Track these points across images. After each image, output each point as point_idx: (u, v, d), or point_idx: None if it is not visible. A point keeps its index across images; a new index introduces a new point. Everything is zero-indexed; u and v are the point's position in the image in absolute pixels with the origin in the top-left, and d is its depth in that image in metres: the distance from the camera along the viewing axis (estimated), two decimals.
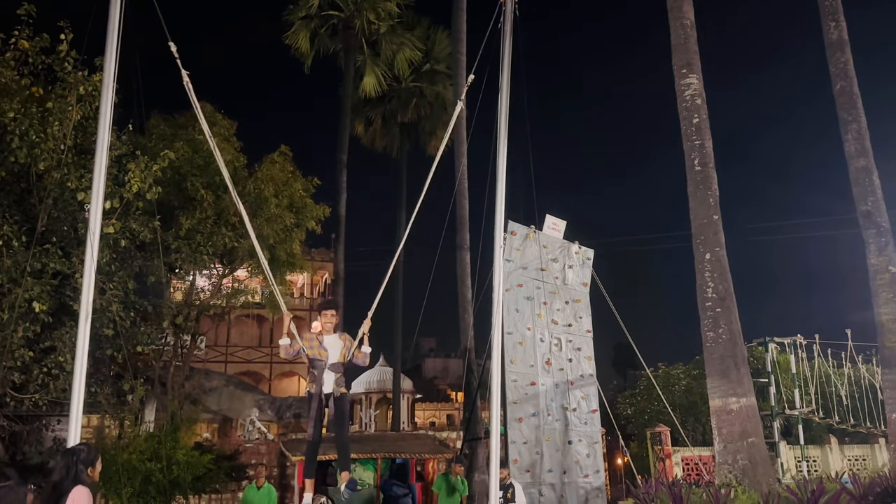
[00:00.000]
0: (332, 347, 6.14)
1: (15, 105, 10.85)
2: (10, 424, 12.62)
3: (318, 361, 6.07)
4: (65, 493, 4.31)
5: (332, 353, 6.11)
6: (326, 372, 6.06)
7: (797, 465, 19.96)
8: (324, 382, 6.04)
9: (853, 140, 11.29)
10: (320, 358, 6.08)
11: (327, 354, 6.09)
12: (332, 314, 6.32)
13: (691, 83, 9.51)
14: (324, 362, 6.07)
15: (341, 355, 6.12)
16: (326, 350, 6.11)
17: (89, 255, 6.20)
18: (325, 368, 6.06)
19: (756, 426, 8.41)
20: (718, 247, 9.00)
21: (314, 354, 6.09)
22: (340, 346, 6.16)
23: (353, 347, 6.16)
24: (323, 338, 6.20)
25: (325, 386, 6.04)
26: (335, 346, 6.16)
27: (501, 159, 7.70)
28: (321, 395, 6.02)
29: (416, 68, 25.57)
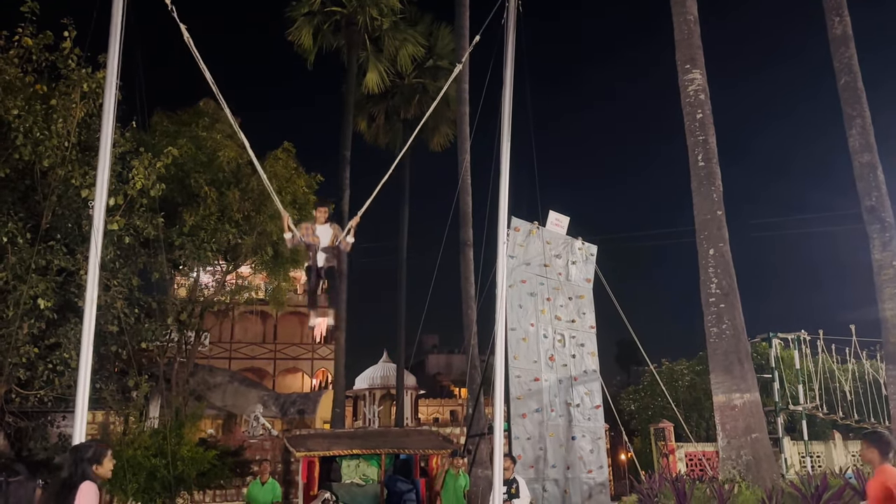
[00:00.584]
0: (323, 234, 7.67)
1: (19, 102, 10.89)
2: (16, 420, 12.69)
3: (313, 245, 7.64)
4: (73, 488, 4.33)
5: (323, 238, 7.65)
6: (319, 252, 7.66)
7: (801, 461, 19.96)
8: (318, 259, 7.66)
9: (857, 135, 11.25)
10: (314, 242, 7.63)
11: (319, 240, 7.64)
12: (324, 210, 7.88)
13: (695, 78, 9.48)
14: (317, 245, 7.63)
15: (330, 240, 7.66)
16: (318, 237, 7.65)
17: (93, 252, 6.21)
18: (318, 250, 7.64)
19: (760, 422, 8.40)
20: (722, 242, 8.97)
21: (309, 240, 7.65)
22: (330, 233, 7.70)
23: (341, 235, 7.67)
24: (316, 227, 7.71)
25: (319, 262, 7.67)
26: (326, 233, 7.69)
27: (505, 155, 7.70)
28: (316, 267, 7.70)
29: (418, 64, 25.53)
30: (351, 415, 34.79)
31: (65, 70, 11.39)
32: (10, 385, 11.37)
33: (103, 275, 11.11)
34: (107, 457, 4.57)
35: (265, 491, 10.91)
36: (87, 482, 4.39)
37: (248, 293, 17.21)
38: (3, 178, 11.12)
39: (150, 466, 12.38)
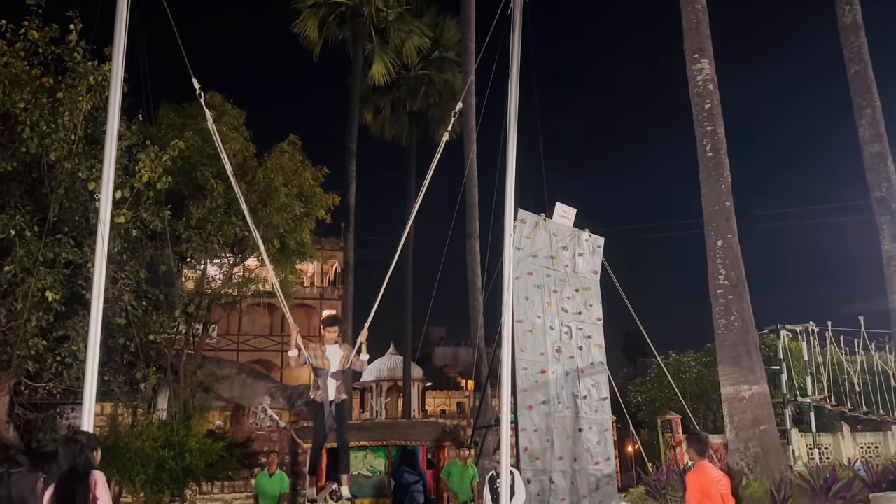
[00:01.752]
0: (333, 357, 6.83)
1: (25, 95, 10.90)
2: (25, 412, 12.77)
3: (321, 370, 6.76)
4: (82, 477, 4.35)
5: (333, 362, 6.80)
6: (329, 380, 6.76)
7: (808, 453, 19.90)
8: (329, 390, 6.75)
9: (867, 125, 11.14)
10: (323, 367, 6.76)
11: (329, 364, 6.77)
12: (333, 330, 7.01)
13: (703, 68, 9.40)
14: (326, 371, 6.76)
15: (341, 364, 6.81)
16: (328, 360, 6.80)
17: (100, 245, 6.22)
18: (328, 376, 6.76)
19: (768, 413, 8.37)
20: (731, 233, 8.91)
21: (318, 364, 6.78)
22: (340, 355, 6.86)
23: (351, 356, 6.86)
24: (325, 348, 6.88)
25: (329, 394, 6.75)
26: (336, 355, 6.85)
27: (511, 147, 7.66)
28: (326, 401, 6.75)
29: (424, 56, 25.45)
30: (358, 407, 34.91)
31: (71, 63, 11.39)
32: (19, 377, 11.44)
33: (111, 267, 11.15)
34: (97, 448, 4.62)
35: (273, 482, 10.95)
36: (96, 471, 4.42)
37: (255, 286, 17.23)
38: (11, 172, 11.15)
39: (158, 458, 12.45)
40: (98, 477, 4.39)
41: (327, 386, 6.74)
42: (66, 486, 4.34)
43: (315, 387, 6.82)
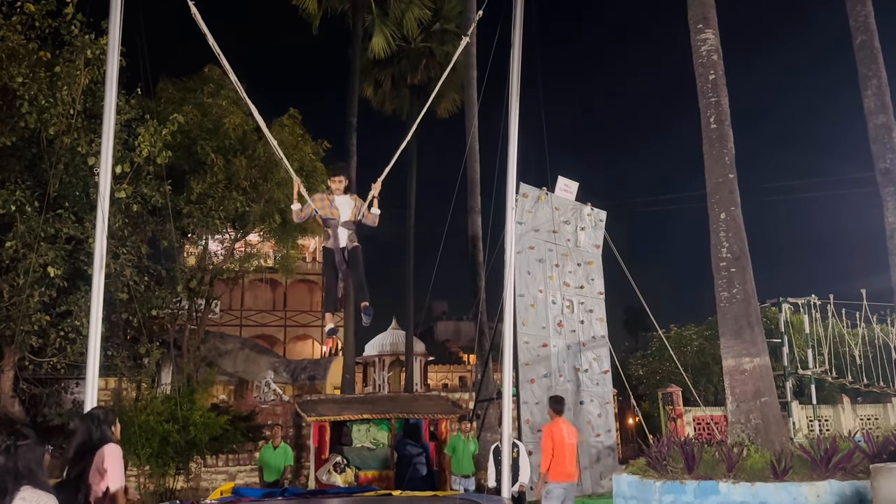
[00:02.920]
0: (342, 206, 6.52)
1: (23, 70, 10.80)
2: (30, 387, 12.87)
3: (331, 220, 6.46)
4: (92, 451, 4.39)
5: (344, 211, 6.49)
6: (340, 228, 6.47)
7: (809, 425, 20.03)
8: (339, 237, 6.46)
9: (873, 96, 11.02)
10: (332, 217, 6.46)
11: (339, 213, 6.47)
12: (340, 179, 6.64)
13: (707, 38, 9.27)
14: (336, 220, 6.46)
15: (352, 214, 6.51)
16: (338, 209, 6.48)
17: (100, 220, 6.20)
18: (339, 225, 6.47)
19: (769, 386, 8.38)
20: (734, 206, 8.86)
21: (326, 214, 6.48)
22: (351, 205, 6.55)
23: (363, 207, 6.52)
24: (334, 198, 6.55)
25: (341, 240, 6.47)
26: (346, 204, 6.54)
27: (513, 119, 7.59)
28: (338, 248, 6.48)
29: (425, 28, 25.13)
30: (361, 381, 35.13)
31: (68, 36, 11.27)
32: (23, 352, 11.50)
33: (112, 243, 11.14)
34: (116, 421, 4.64)
35: (277, 455, 11.04)
36: (111, 444, 4.46)
37: (256, 261, 17.23)
38: (10, 147, 11.10)
39: (162, 432, 12.56)
40: (108, 451, 4.42)
41: (338, 234, 6.47)
42: (78, 459, 4.38)
43: (326, 236, 6.56)
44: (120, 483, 4.39)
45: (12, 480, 3.13)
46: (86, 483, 4.22)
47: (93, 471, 4.29)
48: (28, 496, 3.12)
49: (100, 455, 4.38)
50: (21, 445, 3.20)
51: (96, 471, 4.29)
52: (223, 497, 8.60)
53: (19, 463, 3.16)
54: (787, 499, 6.38)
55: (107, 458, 4.36)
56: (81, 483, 4.16)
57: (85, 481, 4.23)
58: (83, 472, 4.28)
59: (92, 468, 4.31)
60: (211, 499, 8.56)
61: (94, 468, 4.31)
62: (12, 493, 3.10)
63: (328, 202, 6.51)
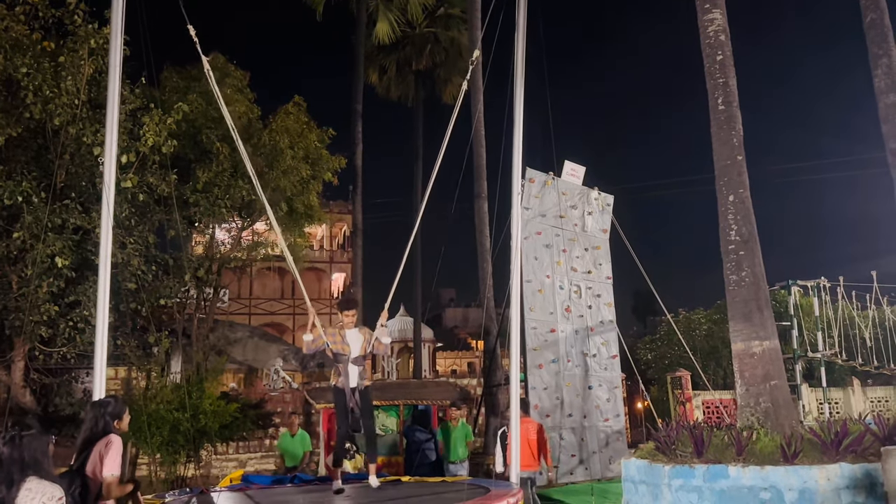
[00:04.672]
0: (353, 342, 6.46)
1: (27, 60, 10.80)
2: (41, 377, 12.95)
3: (342, 356, 6.40)
4: (93, 442, 4.41)
5: (354, 347, 6.44)
6: (350, 366, 6.40)
7: (819, 408, 19.99)
8: (349, 377, 6.39)
9: (883, 75, 10.84)
10: (343, 353, 6.39)
11: (350, 349, 6.40)
12: (352, 313, 6.63)
13: (715, 18, 9.14)
14: (347, 356, 6.39)
15: (362, 348, 6.47)
16: (349, 345, 6.42)
17: (105, 209, 6.21)
18: (349, 362, 6.39)
19: (779, 369, 8.33)
20: (742, 188, 8.76)
21: (337, 349, 6.40)
22: (361, 339, 6.50)
23: (372, 339, 6.50)
24: (345, 333, 6.48)
25: (351, 380, 6.40)
26: (356, 340, 6.48)
27: (518, 104, 7.54)
28: (348, 388, 6.39)
29: (430, 13, 24.96)
30: (370, 367, 35.20)
31: (71, 26, 11.26)
32: (33, 343, 11.57)
33: (119, 233, 11.16)
34: (125, 412, 4.65)
35: (295, 442, 11.22)
36: (112, 434, 4.47)
37: (264, 249, 17.24)
38: (16, 138, 11.11)
39: (172, 420, 12.62)
40: (112, 439, 4.43)
41: (349, 372, 6.39)
42: (82, 449, 4.41)
43: (336, 373, 6.49)
44: (113, 471, 4.37)
45: (18, 471, 3.14)
46: (82, 474, 4.24)
47: (92, 461, 4.31)
48: (34, 487, 3.14)
49: (100, 445, 4.39)
50: (26, 436, 3.21)
51: (97, 461, 4.31)
52: (233, 484, 8.66)
53: (25, 453, 3.17)
54: (798, 482, 6.35)
55: (105, 447, 4.37)
56: (77, 475, 4.18)
57: (82, 472, 4.25)
58: (84, 463, 4.30)
59: (91, 459, 4.32)
60: (221, 486, 8.62)
61: (95, 458, 4.33)
62: (18, 484, 3.11)
63: (339, 337, 6.44)
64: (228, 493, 7.84)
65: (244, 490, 8.11)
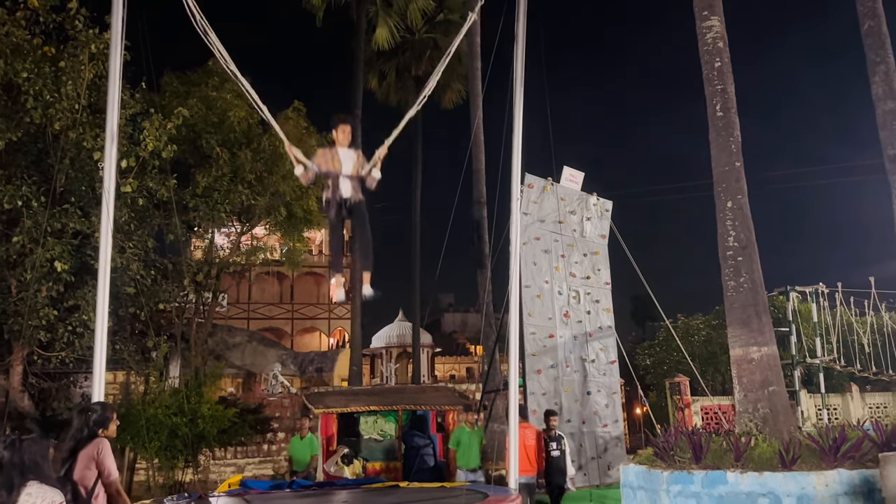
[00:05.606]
0: (346, 159, 6.17)
1: (28, 65, 10.82)
2: (39, 381, 12.93)
3: (333, 172, 6.10)
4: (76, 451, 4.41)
5: (346, 164, 6.14)
6: (342, 179, 6.09)
7: (817, 414, 19.99)
8: (341, 188, 6.07)
9: (881, 82, 10.90)
10: (334, 169, 6.10)
11: (341, 165, 6.12)
12: (345, 129, 6.29)
13: (713, 26, 9.19)
14: (338, 172, 6.10)
15: (354, 168, 6.16)
16: (341, 162, 6.13)
17: (105, 214, 6.21)
18: (341, 176, 6.10)
19: (777, 375, 8.34)
20: (740, 194, 8.80)
21: (329, 168, 6.11)
22: (354, 159, 6.19)
23: (366, 165, 6.21)
24: (337, 150, 6.20)
25: (344, 191, 6.07)
26: (349, 158, 6.18)
27: (517, 110, 7.57)
28: (340, 199, 6.06)
29: (429, 19, 25.01)
30: (368, 373, 35.22)
31: (72, 31, 11.28)
32: (31, 347, 11.56)
33: (118, 237, 11.17)
34: (112, 420, 4.65)
35: (304, 445, 11.26)
36: (99, 439, 4.47)
37: (263, 254, 17.25)
38: (16, 142, 11.13)
39: (171, 425, 12.63)
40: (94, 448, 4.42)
41: (340, 184, 6.05)
42: (67, 455, 4.40)
43: (326, 187, 6.14)
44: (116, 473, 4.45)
45: (18, 475, 3.14)
46: (70, 480, 4.24)
47: (79, 468, 4.31)
48: (34, 491, 3.14)
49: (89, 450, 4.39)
50: (26, 440, 3.21)
51: (85, 467, 4.31)
52: (232, 489, 8.65)
53: (25, 457, 3.17)
54: (796, 488, 6.36)
55: (97, 453, 4.38)
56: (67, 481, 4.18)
57: (70, 478, 4.25)
58: (70, 470, 4.29)
59: (78, 466, 4.32)
60: (219, 491, 8.60)
61: (83, 464, 4.32)
62: (19, 489, 3.11)
63: (330, 156, 6.13)
64: (227, 499, 7.83)
65: (242, 495, 8.10)
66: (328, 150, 6.20)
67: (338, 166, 6.08)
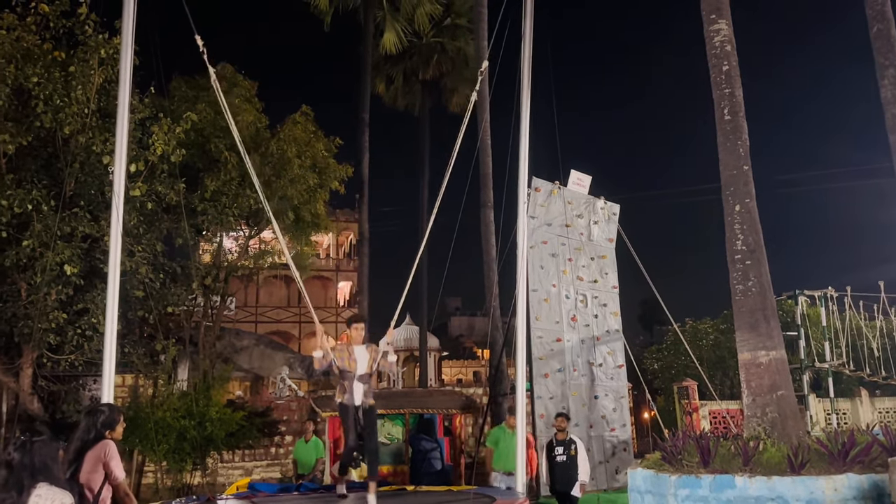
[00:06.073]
0: (360, 358, 6.48)
1: (38, 70, 10.92)
2: (49, 384, 13.01)
3: (348, 373, 6.42)
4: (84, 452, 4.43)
5: (361, 364, 6.46)
6: (356, 383, 6.41)
7: (826, 418, 19.87)
8: (354, 394, 6.40)
9: (890, 85, 10.85)
10: (349, 369, 6.41)
11: (356, 366, 6.43)
12: (360, 327, 6.65)
13: (721, 29, 9.17)
14: (353, 373, 6.41)
15: (368, 365, 6.50)
16: (356, 361, 6.45)
17: (114, 218, 6.26)
18: (355, 380, 6.41)
19: (786, 379, 8.30)
20: (749, 198, 8.76)
21: (344, 366, 6.43)
22: (367, 356, 6.52)
23: (378, 357, 6.54)
24: (353, 349, 6.50)
25: (356, 398, 6.41)
26: (363, 357, 6.50)
27: (525, 113, 7.58)
28: (353, 406, 6.41)
29: (436, 23, 25.09)
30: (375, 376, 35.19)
31: (82, 36, 11.38)
32: (41, 350, 11.63)
33: (127, 241, 11.23)
34: (119, 423, 4.68)
35: (308, 448, 11.27)
36: (105, 440, 4.50)
37: (270, 258, 17.31)
38: (26, 147, 11.22)
39: (179, 428, 12.67)
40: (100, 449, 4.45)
41: (353, 389, 6.40)
42: (74, 457, 4.43)
43: (341, 390, 6.51)
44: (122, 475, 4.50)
45: (28, 476, 3.16)
46: (77, 482, 4.27)
47: (85, 470, 4.33)
48: (44, 493, 3.16)
49: (96, 452, 4.42)
50: (36, 441, 3.24)
51: (91, 469, 4.34)
52: (239, 492, 8.67)
53: (35, 459, 3.20)
54: (804, 493, 6.32)
55: (104, 454, 4.41)
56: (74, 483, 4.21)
57: (76, 480, 4.28)
58: (76, 472, 4.32)
59: (84, 468, 4.34)
60: (227, 494, 8.63)
61: (90, 466, 4.35)
62: (28, 490, 3.13)
63: (347, 353, 6.47)
64: (234, 501, 7.85)
65: (250, 498, 8.12)
66: (345, 347, 6.51)
67: (353, 367, 6.39)
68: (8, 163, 11.30)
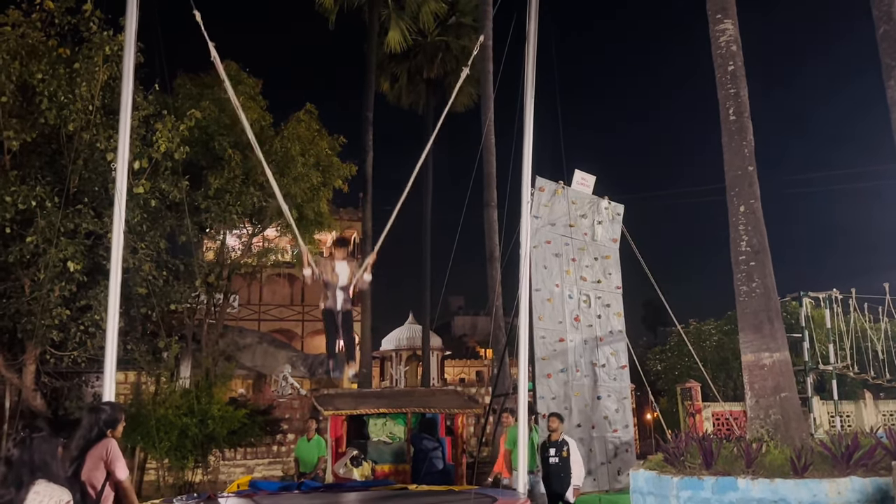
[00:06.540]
0: (342, 272, 7.50)
1: (43, 66, 10.93)
2: (51, 381, 13.03)
3: (332, 284, 7.44)
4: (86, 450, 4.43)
5: (342, 276, 7.47)
6: (338, 291, 7.44)
7: (830, 421, 19.80)
8: (337, 300, 7.45)
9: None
10: (332, 281, 7.43)
11: (338, 277, 7.44)
12: (343, 249, 7.75)
13: (726, 29, 9.13)
14: (335, 284, 7.43)
15: (348, 278, 7.50)
16: (338, 274, 7.46)
17: (117, 215, 6.26)
18: (337, 289, 7.43)
19: (789, 381, 8.26)
20: (753, 199, 8.72)
21: (328, 278, 7.46)
22: (348, 270, 7.55)
23: (358, 273, 7.57)
24: (335, 264, 7.53)
25: (338, 304, 7.46)
26: (344, 270, 7.53)
27: (529, 112, 7.55)
28: (335, 310, 7.47)
29: (441, 22, 25.08)
30: (378, 375, 35.25)
31: (86, 33, 11.38)
32: (44, 346, 11.65)
33: (131, 238, 11.24)
34: (121, 420, 4.68)
35: (311, 447, 11.25)
36: (107, 439, 4.50)
37: (274, 256, 17.31)
38: (30, 143, 11.23)
39: (181, 425, 12.68)
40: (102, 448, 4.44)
41: (336, 296, 7.43)
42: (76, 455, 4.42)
43: (324, 297, 7.52)
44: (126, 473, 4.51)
45: (28, 473, 3.16)
46: (79, 481, 4.26)
47: (87, 468, 4.33)
48: (42, 490, 3.15)
49: (98, 451, 4.41)
50: (36, 438, 3.23)
51: (93, 467, 4.34)
52: (241, 490, 8.67)
53: (34, 455, 3.19)
54: (807, 496, 6.29)
55: (106, 453, 4.42)
56: (76, 481, 4.20)
57: (78, 478, 4.28)
58: (78, 470, 4.32)
59: (86, 466, 4.34)
60: (228, 491, 8.62)
61: (92, 464, 4.35)
62: (27, 486, 3.13)
63: (330, 268, 7.48)
64: (236, 499, 7.85)
65: (251, 496, 8.12)
66: (329, 262, 7.60)
67: (336, 279, 7.44)
68: (12, 159, 11.31)
